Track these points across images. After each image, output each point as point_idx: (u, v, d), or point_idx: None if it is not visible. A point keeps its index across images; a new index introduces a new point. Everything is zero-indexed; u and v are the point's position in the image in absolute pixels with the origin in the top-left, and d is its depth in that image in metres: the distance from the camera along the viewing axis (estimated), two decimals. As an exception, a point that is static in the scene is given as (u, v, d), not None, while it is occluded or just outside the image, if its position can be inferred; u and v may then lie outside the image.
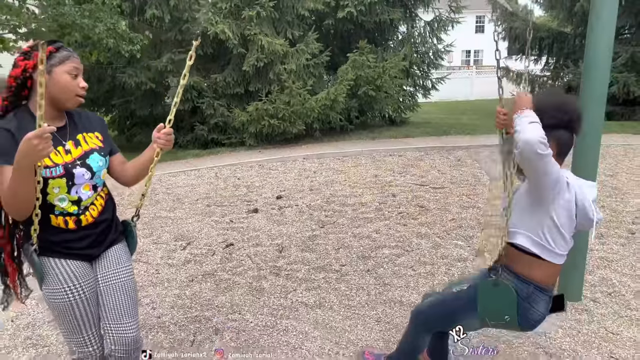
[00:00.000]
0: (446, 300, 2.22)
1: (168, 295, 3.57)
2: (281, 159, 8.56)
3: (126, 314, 2.02)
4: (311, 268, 4.00)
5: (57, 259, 1.90)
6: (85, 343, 1.95)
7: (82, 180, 1.90)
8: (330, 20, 10.23)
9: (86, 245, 1.96)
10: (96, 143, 1.99)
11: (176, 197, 6.31)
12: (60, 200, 1.86)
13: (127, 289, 2.06)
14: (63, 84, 1.81)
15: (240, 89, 9.81)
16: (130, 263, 2.13)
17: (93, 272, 2.01)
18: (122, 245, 2.13)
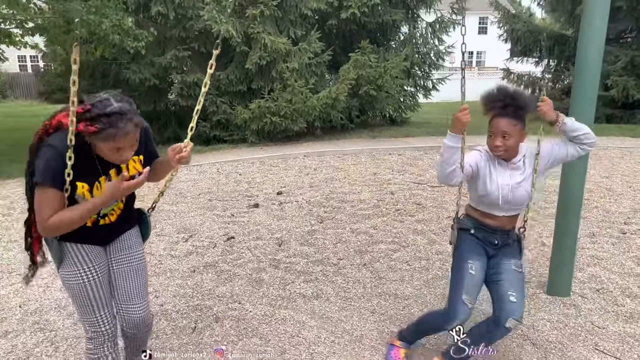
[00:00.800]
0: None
1: (170, 285, 3.69)
2: (282, 156, 8.68)
3: (136, 295, 2.15)
4: (309, 261, 4.12)
5: (73, 244, 2.01)
6: (98, 323, 2.06)
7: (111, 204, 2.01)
8: (333, 20, 10.34)
9: (102, 235, 2.09)
10: (137, 168, 2.04)
11: (179, 191, 6.43)
12: None
13: (137, 273, 2.18)
14: (104, 154, 1.86)
15: (243, 87, 9.93)
16: (141, 248, 2.24)
17: (106, 256, 2.13)
18: (135, 231, 2.23)
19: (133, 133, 1.83)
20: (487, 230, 2.43)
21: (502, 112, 2.25)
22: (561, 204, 3.46)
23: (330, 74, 11.36)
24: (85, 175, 1.88)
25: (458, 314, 2.30)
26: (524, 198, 2.36)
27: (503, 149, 2.28)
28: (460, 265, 2.39)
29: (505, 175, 2.35)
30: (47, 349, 2.88)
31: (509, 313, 2.25)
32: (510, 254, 2.44)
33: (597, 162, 7.90)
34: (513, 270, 2.38)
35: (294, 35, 10.03)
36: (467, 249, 2.42)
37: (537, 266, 3.98)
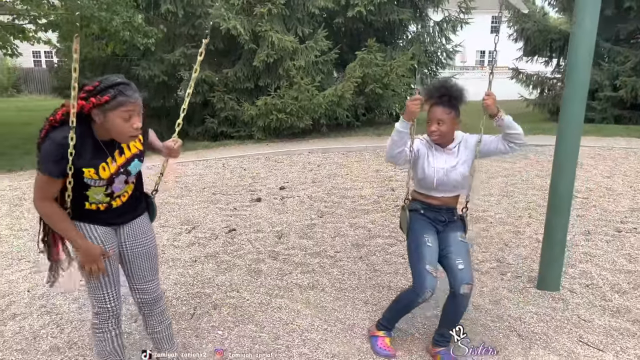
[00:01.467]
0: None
1: (172, 274, 3.83)
2: (287, 152, 8.82)
3: (149, 275, 2.36)
4: (307, 254, 4.23)
5: (87, 224, 2.15)
6: (105, 300, 2.20)
7: (120, 185, 2.14)
8: (340, 18, 10.44)
9: (113, 217, 2.22)
10: (138, 147, 2.18)
11: (184, 185, 6.59)
12: (96, 194, 2.10)
13: (149, 255, 2.35)
14: (116, 128, 1.97)
15: (250, 84, 10.07)
16: (152, 232, 2.39)
17: (116, 237, 2.26)
18: (145, 216, 2.38)
19: (139, 101, 1.98)
20: (434, 209, 2.70)
21: (438, 101, 2.55)
22: (551, 201, 3.54)
23: (337, 72, 11.46)
24: (89, 161, 2.01)
25: (426, 283, 2.50)
26: (458, 180, 2.63)
27: (438, 134, 2.58)
28: (417, 240, 2.62)
29: (441, 160, 2.64)
30: (52, 330, 3.04)
31: (460, 281, 2.50)
32: (455, 228, 2.72)
33: (601, 162, 7.92)
34: (459, 241, 2.65)
35: (301, 33, 10.14)
36: (420, 225, 2.67)
37: (530, 262, 4.06)
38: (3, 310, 3.29)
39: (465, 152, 2.68)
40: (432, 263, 2.54)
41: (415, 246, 2.63)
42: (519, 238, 4.61)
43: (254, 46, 9.63)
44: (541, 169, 7.37)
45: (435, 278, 2.52)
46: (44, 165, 1.94)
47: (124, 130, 1.97)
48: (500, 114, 2.58)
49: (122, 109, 1.92)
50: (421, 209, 2.72)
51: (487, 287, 3.63)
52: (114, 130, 1.98)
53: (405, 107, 2.50)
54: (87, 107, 1.92)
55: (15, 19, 8.99)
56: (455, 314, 2.61)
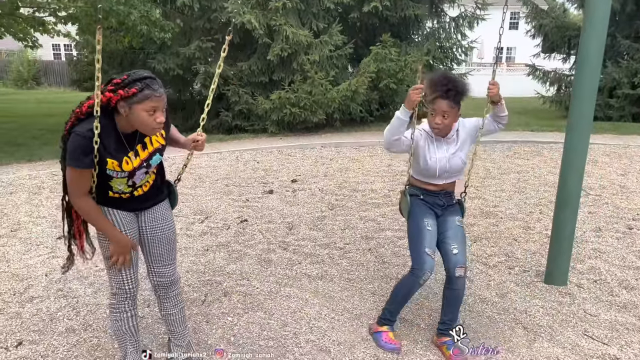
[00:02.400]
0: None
1: (184, 262, 3.92)
2: (300, 146, 8.88)
3: (167, 259, 2.44)
4: (317, 245, 4.30)
5: (110, 208, 2.24)
6: (123, 281, 2.30)
7: (141, 176, 2.22)
8: (355, 13, 10.44)
9: (136, 204, 2.31)
10: (159, 142, 2.25)
11: (198, 176, 6.70)
12: (119, 184, 2.19)
13: (168, 240, 2.43)
14: (140, 121, 2.04)
15: (265, 78, 10.14)
16: (172, 218, 2.47)
17: (137, 222, 2.35)
18: (165, 203, 2.46)
19: (164, 96, 2.05)
20: (432, 194, 2.78)
21: (444, 95, 2.57)
22: (560, 196, 3.55)
23: (352, 67, 11.47)
24: (113, 153, 2.09)
25: (425, 265, 2.61)
26: (459, 165, 2.72)
27: (442, 126, 2.63)
28: (418, 223, 2.70)
29: (442, 150, 2.71)
30: (68, 313, 3.14)
31: (455, 264, 2.63)
32: (454, 212, 2.81)
33: (616, 160, 7.85)
34: (456, 225, 2.75)
35: (316, 27, 10.17)
36: (420, 210, 2.75)
37: (539, 257, 4.07)
38: (21, 293, 3.41)
39: (462, 135, 2.76)
40: (431, 246, 2.64)
41: (416, 230, 2.71)
42: (528, 233, 4.61)
43: (269, 40, 9.68)
44: (554, 166, 7.33)
45: (433, 260, 2.63)
46: (74, 159, 2.00)
47: (148, 123, 2.04)
48: (502, 101, 2.70)
49: (147, 103, 1.98)
50: (420, 195, 2.80)
51: (494, 280, 3.66)
52: (138, 123, 2.05)
53: (407, 96, 2.54)
54: (114, 99, 1.98)
55: (36, 12, 9.17)
56: (455, 299, 2.72)
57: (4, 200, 5.60)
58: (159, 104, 2.03)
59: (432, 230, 2.69)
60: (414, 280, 2.67)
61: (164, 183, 2.47)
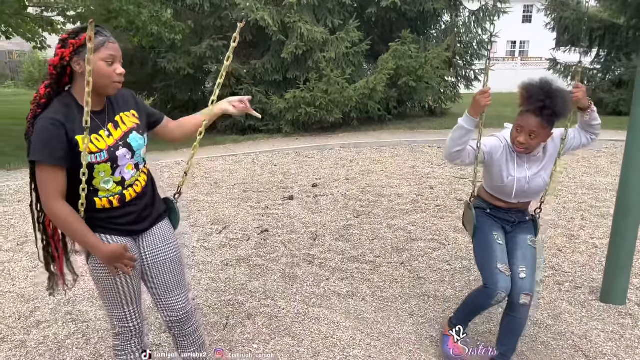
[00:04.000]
0: None
1: (203, 279, 3.62)
2: (318, 147, 8.56)
3: (175, 288, 2.10)
4: (345, 258, 3.98)
5: (102, 235, 1.92)
6: (126, 318, 1.99)
7: (125, 161, 1.92)
8: (373, 8, 10.08)
9: (131, 221, 1.99)
10: (133, 121, 1.99)
11: (214, 181, 6.40)
12: (105, 182, 1.88)
13: (174, 265, 2.11)
14: (98, 72, 1.77)
15: (279, 76, 9.83)
16: (175, 239, 2.16)
17: (137, 248, 2.04)
18: (166, 222, 2.15)
19: (119, 47, 1.85)
20: (502, 210, 2.49)
21: (538, 111, 2.20)
22: (620, 205, 3.19)
23: (369, 64, 11.11)
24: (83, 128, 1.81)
25: (499, 284, 2.28)
26: (540, 187, 2.40)
27: (525, 147, 2.29)
28: (486, 238, 2.41)
29: (523, 168, 2.37)
30: (78, 341, 2.85)
31: (520, 290, 2.29)
32: (526, 230, 2.49)
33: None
34: (528, 245, 2.42)
35: (332, 24, 9.83)
36: (487, 223, 2.46)
37: (589, 270, 3.72)
38: (27, 317, 3.13)
39: (550, 150, 2.40)
40: (503, 261, 2.33)
41: (484, 245, 2.42)
42: (573, 243, 4.25)
43: (283, 37, 9.36)
44: (588, 166, 6.95)
45: (508, 277, 2.30)
46: (42, 151, 1.72)
47: (107, 74, 1.79)
48: (592, 106, 2.34)
49: (104, 50, 1.75)
50: (487, 209, 2.52)
51: (544, 299, 3.32)
52: (96, 78, 1.76)
53: (473, 101, 2.19)
54: (67, 53, 1.74)
55: (44, 11, 8.95)
56: (515, 328, 2.40)
57: (12, 209, 5.33)
58: (117, 52, 1.81)
59: (502, 244, 2.39)
60: (486, 298, 2.35)
61: (158, 196, 2.15)
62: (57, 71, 1.81)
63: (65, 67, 1.80)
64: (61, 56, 1.77)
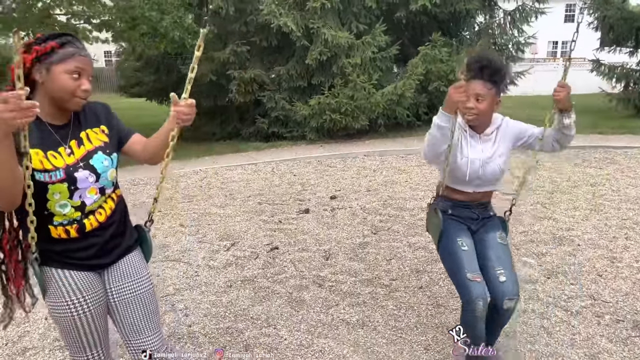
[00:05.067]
0: None
1: (203, 302, 3.38)
2: (341, 155, 8.26)
3: (146, 328, 1.87)
4: (357, 280, 3.66)
5: (59, 270, 1.72)
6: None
7: (86, 184, 1.70)
8: (401, 12, 9.71)
9: (92, 254, 1.77)
10: (101, 139, 1.78)
11: (229, 192, 6.18)
12: (62, 206, 1.67)
13: (145, 303, 1.88)
14: (60, 85, 1.60)
15: (303, 82, 9.60)
16: (146, 272, 1.93)
17: (101, 283, 1.82)
18: (136, 253, 1.93)
19: (90, 61, 1.67)
20: (463, 205, 2.38)
21: (478, 74, 2.20)
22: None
23: (399, 68, 10.74)
24: (38, 142, 1.62)
25: (473, 294, 2.18)
26: (496, 174, 2.32)
27: (475, 112, 2.23)
28: (451, 247, 2.31)
29: (476, 149, 2.31)
30: (61, 372, 2.65)
31: (502, 295, 2.21)
32: (493, 226, 2.41)
33: None
34: (499, 243, 2.35)
35: (357, 28, 9.53)
36: (452, 228, 2.34)
37: (633, 300, 3.28)
38: (15, 342, 2.96)
39: (503, 142, 2.35)
40: (472, 269, 2.23)
41: (449, 253, 2.32)
42: (615, 267, 3.80)
43: (307, 43, 9.12)
44: (634, 177, 6.38)
45: (481, 283, 2.20)
46: None
47: (69, 88, 1.60)
48: (571, 112, 2.25)
49: (71, 62, 1.60)
50: (449, 209, 2.41)
51: (580, 334, 2.91)
52: (57, 90, 1.60)
53: (447, 97, 2.05)
54: (28, 59, 1.56)
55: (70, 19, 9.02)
56: (499, 324, 2.37)
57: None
58: (86, 66, 1.64)
59: (468, 250, 2.29)
60: (470, 316, 2.22)
61: (130, 226, 1.92)
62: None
63: (27, 75, 1.60)
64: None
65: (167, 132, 1.76)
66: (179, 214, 5.30)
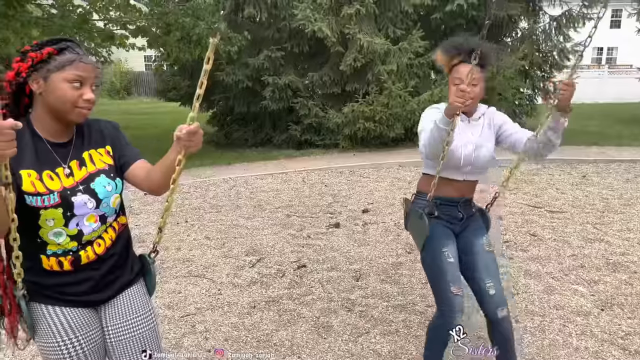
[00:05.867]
0: None
1: (224, 324, 3.18)
2: (374, 165, 7.98)
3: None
4: (390, 306, 3.39)
5: (49, 306, 1.55)
6: None
7: (85, 211, 1.51)
8: (437, 14, 9.38)
9: (87, 289, 1.59)
10: (105, 161, 1.60)
11: (258, 202, 6.00)
12: (56, 235, 1.50)
13: (144, 344, 1.68)
14: (60, 95, 1.43)
15: (337, 89, 9.39)
16: (149, 308, 1.73)
17: (97, 320, 1.64)
18: (138, 286, 1.73)
19: (94, 69, 1.49)
20: (450, 202, 2.32)
21: (467, 57, 2.10)
22: None
23: (436, 74, 10.40)
24: (33, 162, 1.46)
25: (453, 307, 2.17)
26: (487, 159, 2.29)
27: (472, 96, 2.11)
28: (437, 257, 2.25)
29: (467, 133, 2.27)
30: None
31: (494, 307, 2.22)
32: (478, 230, 2.36)
33: None
34: (486, 251, 2.31)
35: (394, 33, 9.25)
36: (436, 237, 2.26)
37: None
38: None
39: (490, 128, 2.32)
40: (455, 282, 2.20)
41: (433, 263, 2.27)
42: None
43: (342, 49, 8.91)
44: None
45: (462, 297, 2.19)
46: None
47: (68, 99, 1.42)
48: (567, 117, 2.12)
49: (71, 70, 1.43)
50: (434, 209, 2.30)
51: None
52: (57, 101, 1.43)
53: (450, 103, 1.97)
54: (23, 68, 1.43)
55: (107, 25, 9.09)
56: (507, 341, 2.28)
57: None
58: (88, 74, 1.46)
59: (454, 261, 2.24)
60: (444, 327, 2.17)
61: (133, 257, 1.73)
62: (13, 89, 1.46)
63: (23, 85, 1.46)
64: (17, 71, 1.44)
65: (172, 160, 1.49)
66: (205, 225, 5.14)
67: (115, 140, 1.66)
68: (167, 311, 3.34)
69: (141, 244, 4.44)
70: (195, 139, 1.45)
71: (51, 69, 1.42)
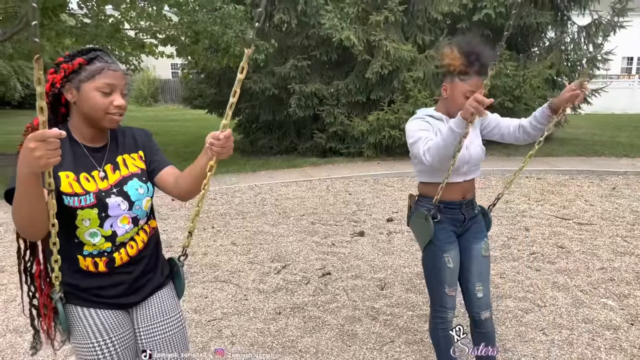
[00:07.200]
0: None
1: (250, 329, 3.23)
2: (399, 174, 7.97)
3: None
4: (415, 315, 3.39)
5: (84, 308, 1.62)
6: None
7: (118, 212, 1.59)
8: (464, 23, 9.34)
9: (121, 292, 1.65)
10: (138, 166, 1.68)
11: (283, 210, 6.06)
12: (92, 235, 1.57)
13: (174, 345, 1.75)
14: (92, 103, 1.51)
15: (362, 97, 9.41)
16: (178, 311, 1.79)
17: (130, 322, 1.70)
18: (168, 289, 1.79)
19: (123, 76, 1.56)
20: (453, 206, 2.33)
21: (480, 71, 2.12)
22: None
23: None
24: (70, 164, 1.54)
25: (446, 305, 2.34)
26: (479, 156, 2.33)
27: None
28: (438, 261, 2.32)
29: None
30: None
31: (479, 309, 2.35)
32: (478, 233, 2.40)
33: None
34: (482, 257, 2.38)
35: (421, 41, 9.24)
36: (439, 241, 2.31)
37: None
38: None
39: (474, 127, 2.32)
40: (451, 284, 2.34)
41: (433, 266, 2.34)
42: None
43: (368, 57, 8.94)
44: None
45: (454, 297, 2.35)
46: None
47: (100, 106, 1.51)
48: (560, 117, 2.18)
49: (100, 79, 1.50)
50: (438, 214, 2.32)
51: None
52: (89, 109, 1.53)
53: (467, 107, 1.92)
54: (58, 78, 1.51)
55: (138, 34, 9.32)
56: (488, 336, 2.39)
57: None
58: (117, 81, 1.53)
59: (453, 267, 2.32)
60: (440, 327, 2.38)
61: (163, 260, 1.79)
62: (50, 100, 1.55)
63: (59, 96, 1.55)
64: (52, 82, 1.52)
65: (202, 167, 1.54)
66: (231, 232, 5.22)
67: (147, 146, 1.73)
68: (194, 315, 3.41)
69: (168, 248, 4.54)
70: (228, 145, 1.50)
71: (82, 79, 1.50)
